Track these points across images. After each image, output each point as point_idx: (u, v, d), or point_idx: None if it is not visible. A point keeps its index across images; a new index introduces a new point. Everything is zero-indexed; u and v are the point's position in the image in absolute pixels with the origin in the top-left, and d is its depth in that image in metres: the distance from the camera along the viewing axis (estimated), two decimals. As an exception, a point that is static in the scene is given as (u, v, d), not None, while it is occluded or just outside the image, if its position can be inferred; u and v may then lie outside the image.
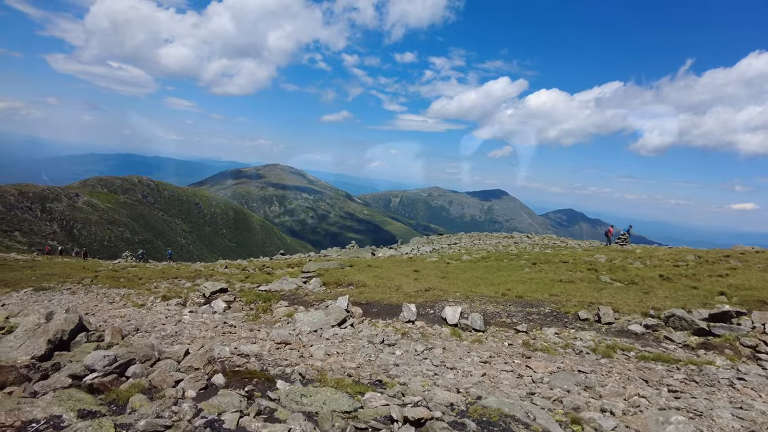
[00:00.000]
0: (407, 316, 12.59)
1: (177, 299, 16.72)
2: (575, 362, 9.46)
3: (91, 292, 20.15)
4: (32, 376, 7.04)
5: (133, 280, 23.64)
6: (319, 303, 14.67)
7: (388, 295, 15.05)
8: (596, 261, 24.68)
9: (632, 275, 20.05)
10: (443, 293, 15.25)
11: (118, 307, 16.41)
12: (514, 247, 32.56)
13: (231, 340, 10.62)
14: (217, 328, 11.72)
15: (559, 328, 11.84)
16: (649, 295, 15.00)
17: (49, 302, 17.99)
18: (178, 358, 8.29)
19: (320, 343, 10.30)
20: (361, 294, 15.02)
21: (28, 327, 8.14)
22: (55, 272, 27.46)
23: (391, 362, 8.99)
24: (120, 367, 7.35)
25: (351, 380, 7.75)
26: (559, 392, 7.79)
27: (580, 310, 12.84)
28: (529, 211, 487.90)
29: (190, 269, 26.65)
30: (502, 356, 9.84)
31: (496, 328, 12.00)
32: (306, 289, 17.00)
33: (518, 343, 10.80)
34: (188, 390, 7.19)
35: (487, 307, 13.48)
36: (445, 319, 12.47)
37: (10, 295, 20.10)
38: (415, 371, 8.57)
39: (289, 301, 15.31)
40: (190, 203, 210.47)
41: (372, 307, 13.84)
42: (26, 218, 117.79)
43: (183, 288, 19.79)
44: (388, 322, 12.71)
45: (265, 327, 12.33)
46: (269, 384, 7.63)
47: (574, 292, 15.89)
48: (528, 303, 14.03)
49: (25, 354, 7.50)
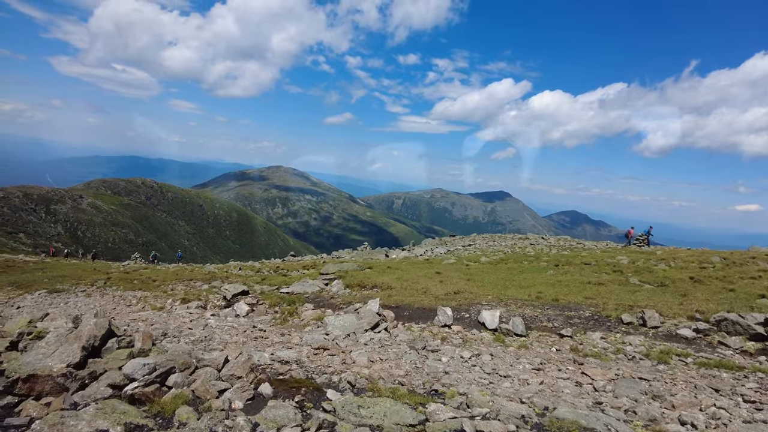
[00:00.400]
0: (443, 320, 12.09)
1: (197, 302, 16.25)
2: (632, 369, 8.94)
3: (106, 294, 19.71)
4: (69, 385, 6.57)
5: (146, 282, 23.20)
6: (347, 306, 14.17)
7: (418, 297, 14.55)
8: (619, 262, 24.12)
9: (660, 277, 19.50)
10: (474, 296, 14.74)
11: (136, 310, 15.96)
12: (530, 248, 32.01)
13: (265, 345, 10.13)
14: (247, 333, 11.24)
15: (604, 333, 11.31)
16: (687, 297, 14.44)
17: (65, 305, 17.54)
18: (217, 366, 7.81)
19: (359, 348, 9.80)
20: (390, 297, 14.52)
21: (60, 332, 7.67)
22: (66, 274, 27.05)
23: (440, 370, 8.49)
24: (160, 376, 6.88)
25: (406, 390, 7.26)
26: (627, 402, 7.28)
27: (623, 314, 12.32)
28: (532, 213, 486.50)
29: (203, 271, 26.19)
30: (553, 363, 9.33)
31: (539, 332, 11.48)
32: (330, 291, 16.51)
33: (566, 349, 10.28)
34: (235, 401, 6.72)
35: (524, 311, 12.97)
36: (484, 323, 11.95)
37: (24, 298, 19.66)
38: (468, 379, 8.07)
39: (314, 304, 14.82)
40: (194, 205, 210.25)
41: (403, 310, 13.34)
42: (31, 220, 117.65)
43: (200, 290, 19.34)
44: (423, 326, 12.20)
45: (296, 331, 11.84)
46: (318, 394, 7.14)
47: (608, 295, 15.36)
48: (565, 306, 13.50)
49: (59, 362, 7.03)
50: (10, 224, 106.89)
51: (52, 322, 9.09)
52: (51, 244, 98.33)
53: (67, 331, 7.82)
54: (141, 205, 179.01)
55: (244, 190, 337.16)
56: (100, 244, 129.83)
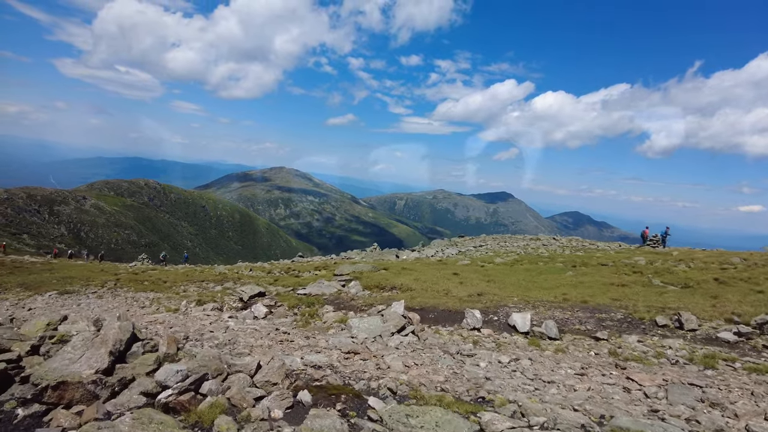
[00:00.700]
0: (472, 323, 11.70)
1: (212, 304, 15.89)
2: (679, 374, 8.54)
3: (117, 296, 19.36)
4: (100, 393, 6.21)
5: (157, 283, 22.86)
6: (369, 308, 13.79)
7: (441, 299, 14.16)
8: (636, 263, 23.69)
9: (682, 278, 19.08)
10: (498, 298, 14.35)
11: (151, 312, 15.61)
12: (543, 249, 31.59)
13: (292, 349, 9.76)
14: (270, 336, 10.88)
15: (640, 336, 10.92)
16: (719, 299, 14.03)
17: (78, 307, 17.20)
18: (250, 372, 7.44)
19: (390, 352, 9.42)
20: (412, 299, 14.14)
21: (85, 336, 7.30)
22: (75, 275, 26.73)
23: (480, 375, 8.10)
24: (194, 384, 6.50)
25: (451, 397, 6.88)
26: (685, 410, 6.89)
27: (656, 316, 11.92)
28: (534, 214, 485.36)
29: (214, 272, 25.83)
30: (595, 367, 8.94)
31: (572, 336, 11.09)
32: (348, 293, 16.13)
33: (604, 353, 9.88)
34: (274, 409, 6.34)
35: (554, 314, 12.58)
36: (514, 326, 11.56)
37: (34, 299, 19.33)
38: (512, 386, 7.68)
39: (334, 306, 14.44)
40: (197, 206, 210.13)
41: (428, 312, 12.95)
42: (34, 221, 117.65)
43: (214, 292, 18.99)
44: (451, 329, 11.82)
45: (320, 334, 11.48)
46: (359, 401, 6.76)
47: (634, 296, 14.95)
48: (595, 308, 13.11)
49: (87, 368, 6.67)
50: (14, 225, 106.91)
51: (74, 325, 8.74)
52: (54, 245, 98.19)
53: (92, 335, 7.46)
54: (144, 206, 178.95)
55: (246, 191, 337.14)
56: (103, 245, 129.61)
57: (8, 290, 22.09)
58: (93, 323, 9.23)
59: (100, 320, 9.94)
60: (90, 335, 7.44)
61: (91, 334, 7.45)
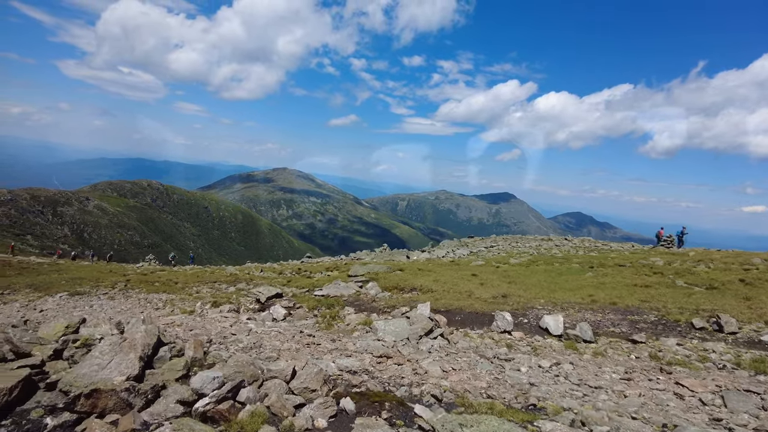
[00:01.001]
0: (502, 326, 11.31)
1: (229, 305, 15.53)
2: (730, 380, 8.15)
3: (129, 297, 19.02)
4: (133, 401, 5.85)
5: (168, 284, 22.51)
6: (392, 310, 13.42)
7: (465, 301, 13.78)
8: (654, 264, 23.27)
9: (705, 279, 18.66)
10: (524, 300, 13.97)
11: (166, 313, 15.25)
12: (556, 250, 31.18)
13: (320, 352, 9.40)
14: (296, 339, 10.51)
15: (678, 339, 10.52)
16: (753, 301, 13.62)
17: (90, 308, 16.87)
18: (285, 378, 7.08)
19: (423, 356, 9.05)
20: (436, 301, 13.75)
21: (113, 341, 6.94)
22: (83, 276, 26.42)
23: (523, 381, 7.72)
24: (232, 391, 6.13)
25: (501, 405, 6.50)
26: (750, 419, 6.50)
27: (692, 318, 11.52)
28: (537, 214, 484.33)
29: (224, 273, 25.49)
30: (639, 372, 8.55)
31: (608, 338, 10.70)
32: (368, 294, 15.76)
33: (645, 356, 9.50)
34: (317, 418, 5.97)
35: (584, 316, 12.19)
36: (547, 329, 11.18)
37: (45, 300, 19.01)
38: (560, 392, 7.30)
39: (355, 308, 14.07)
40: (199, 207, 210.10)
41: (454, 314, 12.57)
42: (38, 222, 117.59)
43: (227, 293, 18.64)
44: (480, 332, 11.44)
45: (345, 337, 11.11)
46: (404, 409, 6.39)
47: (662, 298, 14.53)
48: (625, 310, 12.71)
49: (118, 374, 6.31)
50: (17, 226, 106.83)
51: (96, 328, 8.38)
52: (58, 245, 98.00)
53: (120, 339, 7.10)
54: (147, 207, 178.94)
55: (249, 192, 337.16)
56: (106, 246, 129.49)
57: (17, 291, 21.80)
58: (115, 326, 8.89)
59: (122, 323, 9.59)
60: (117, 339, 7.08)
61: (118, 339, 7.09)
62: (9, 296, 20.66)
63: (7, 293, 21.40)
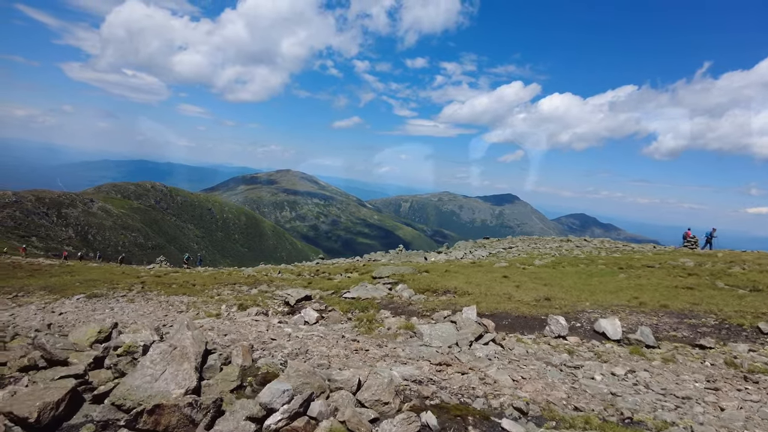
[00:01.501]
0: (557, 331, 10.68)
1: (256, 308, 14.92)
2: (825, 390, 7.50)
3: (150, 299, 18.43)
4: (197, 417, 5.24)
5: (185, 286, 21.92)
6: (431, 313, 12.79)
7: (509, 305, 13.15)
8: (685, 265, 22.58)
9: (745, 281, 17.99)
10: (568, 302, 13.33)
11: (192, 317, 14.66)
12: (577, 251, 30.51)
13: (371, 359, 8.78)
14: (340, 344, 9.89)
15: (748, 344, 9.86)
16: (813, 304, 12.94)
17: (111, 311, 16.28)
18: (351, 389, 6.46)
19: (484, 363, 8.42)
20: (477, 304, 13.09)
21: (162, 349, 6.34)
22: (96, 278, 25.88)
23: (604, 391, 7.09)
24: (303, 405, 5.52)
25: (596, 418, 5.87)
26: None
27: (759, 322, 10.85)
28: (540, 216, 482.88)
29: (242, 275, 24.90)
30: (722, 380, 7.90)
31: (671, 343, 10.04)
32: (401, 296, 15.14)
33: (720, 363, 8.84)
34: (401, 436, 5.37)
35: (639, 319, 11.54)
36: (603, 333, 10.54)
37: (62, 303, 18.43)
38: (648, 403, 6.67)
39: (391, 311, 13.44)
40: (203, 209, 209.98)
41: (500, 318, 11.94)
42: (43, 224, 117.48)
43: (251, 295, 18.03)
44: (531, 336, 10.81)
45: (389, 342, 10.49)
46: (490, 424, 5.76)
47: (712, 300, 13.85)
48: (680, 314, 12.06)
49: (175, 386, 5.71)
50: (22, 228, 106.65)
51: (137, 334, 7.77)
52: (62, 247, 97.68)
53: (169, 347, 6.49)
54: (150, 208, 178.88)
55: (252, 194, 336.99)
56: (111, 248, 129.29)
57: (31, 293, 21.25)
58: (155, 331, 8.29)
59: (161, 328, 9.00)
60: (167, 347, 6.47)
61: (167, 346, 6.48)
62: (24, 298, 20.11)
63: (21, 295, 20.85)
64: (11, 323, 15.20)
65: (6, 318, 16.30)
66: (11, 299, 19.78)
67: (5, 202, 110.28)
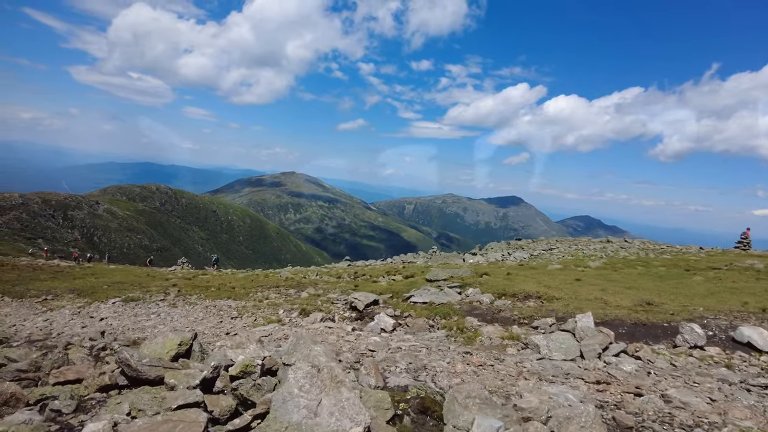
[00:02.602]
0: (691, 340, 9.33)
1: (320, 313, 13.59)
2: None
3: (192, 304, 17.11)
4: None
5: (223, 289, 20.62)
6: (530, 321, 11.45)
7: (612, 310, 11.77)
8: (754, 267, 21.23)
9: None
10: (674, 308, 11.96)
11: (251, 323, 13.34)
12: (623, 252, 29.15)
13: (507, 376, 7.44)
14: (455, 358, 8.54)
15: None
16: None
17: (157, 317, 14.98)
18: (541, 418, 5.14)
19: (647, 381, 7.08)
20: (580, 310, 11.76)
21: (306, 371, 5.01)
22: (122, 280, 24.62)
23: (833, 421, 5.74)
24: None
25: None
26: None
27: None
28: (544, 218, 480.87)
29: (280, 277, 23.58)
30: None
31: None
32: (480, 302, 13.78)
33: None
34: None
35: (773, 327, 10.18)
36: (748, 343, 9.19)
37: (97, 307, 17.16)
38: None
39: (477, 318, 12.09)
40: (207, 211, 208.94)
41: (614, 326, 10.57)
42: (49, 226, 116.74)
43: (303, 299, 16.70)
44: (661, 347, 9.47)
45: (502, 354, 9.14)
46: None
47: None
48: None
49: (349, 421, 4.38)
50: (29, 230, 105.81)
51: (245, 350, 6.44)
52: (68, 249, 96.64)
53: (310, 368, 5.17)
54: (155, 210, 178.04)
55: (257, 196, 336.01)
56: (116, 250, 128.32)
57: (60, 297, 19.99)
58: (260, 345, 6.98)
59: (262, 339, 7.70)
60: (308, 368, 5.14)
61: (310, 368, 5.15)
62: (54, 302, 18.82)
63: (50, 299, 19.58)
64: (51, 329, 13.94)
65: (42, 323, 15.03)
66: (41, 303, 18.51)
67: (12, 205, 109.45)
